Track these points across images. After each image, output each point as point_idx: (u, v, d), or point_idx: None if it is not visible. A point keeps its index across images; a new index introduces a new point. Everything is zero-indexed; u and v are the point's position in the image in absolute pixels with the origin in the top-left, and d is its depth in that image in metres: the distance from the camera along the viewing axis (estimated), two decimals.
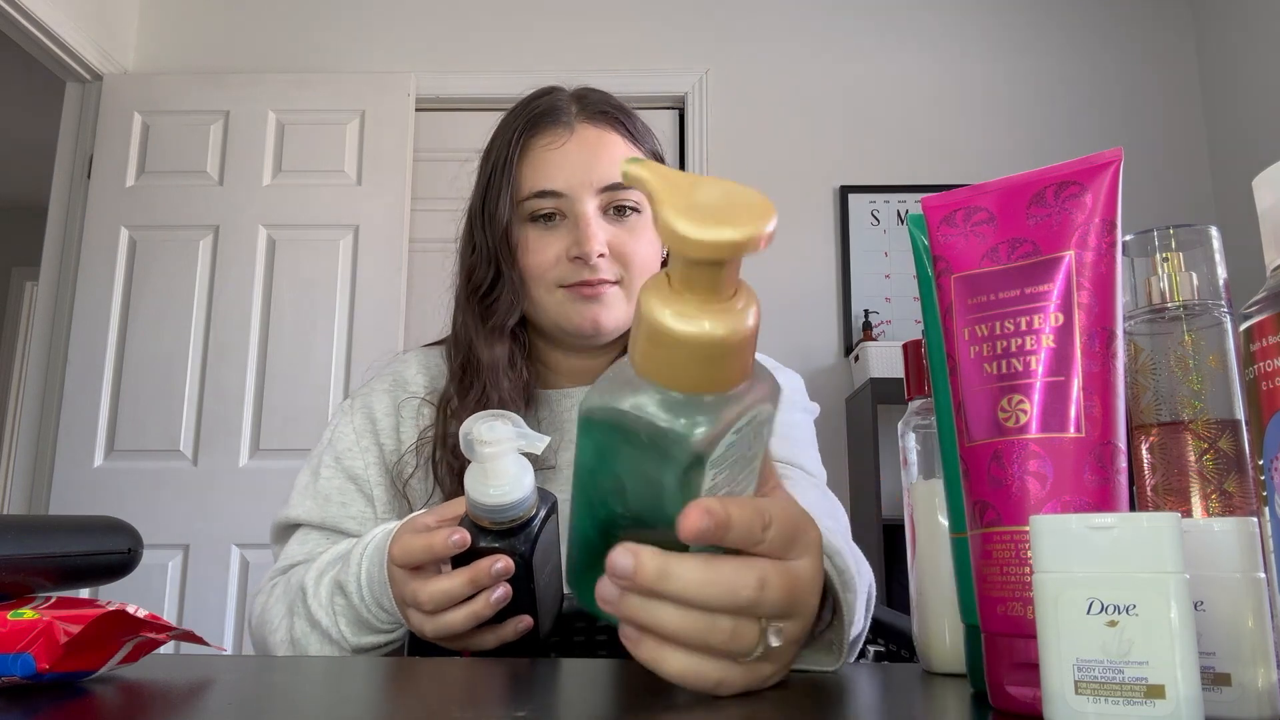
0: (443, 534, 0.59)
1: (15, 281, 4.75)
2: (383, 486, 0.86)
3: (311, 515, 0.84)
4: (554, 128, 0.85)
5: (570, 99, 0.89)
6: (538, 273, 0.84)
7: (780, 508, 0.40)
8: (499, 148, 0.87)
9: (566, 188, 0.83)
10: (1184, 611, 0.30)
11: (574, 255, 0.82)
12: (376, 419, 0.88)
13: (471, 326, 0.86)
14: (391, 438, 0.88)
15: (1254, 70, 2.56)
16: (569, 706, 0.38)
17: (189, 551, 2.40)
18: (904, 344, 0.58)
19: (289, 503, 0.86)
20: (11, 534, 0.44)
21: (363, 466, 0.86)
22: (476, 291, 0.87)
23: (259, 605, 0.80)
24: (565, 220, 0.84)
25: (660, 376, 0.36)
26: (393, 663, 0.56)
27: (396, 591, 0.64)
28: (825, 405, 2.55)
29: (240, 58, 2.81)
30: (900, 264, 2.69)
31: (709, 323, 0.35)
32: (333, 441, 0.89)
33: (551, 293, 0.84)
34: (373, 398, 0.90)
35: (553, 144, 0.85)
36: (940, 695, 0.44)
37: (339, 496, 0.85)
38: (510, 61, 2.80)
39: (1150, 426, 0.42)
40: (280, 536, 0.87)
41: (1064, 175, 0.40)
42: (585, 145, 0.85)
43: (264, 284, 2.57)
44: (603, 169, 0.84)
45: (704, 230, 0.33)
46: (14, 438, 3.49)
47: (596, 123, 0.86)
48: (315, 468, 0.88)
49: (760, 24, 2.84)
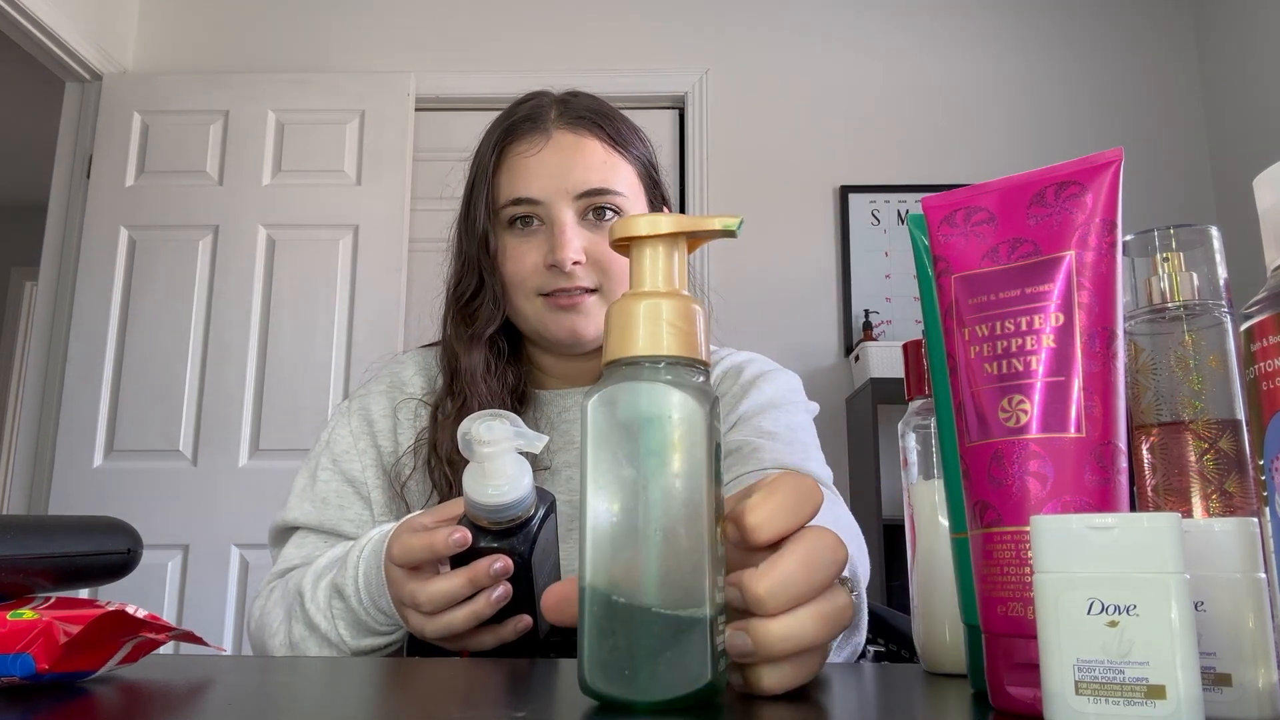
0: (443, 533, 0.59)
1: (15, 281, 4.75)
2: (380, 489, 0.85)
3: (309, 518, 0.84)
4: (531, 134, 0.85)
5: (552, 104, 0.88)
6: (516, 280, 0.84)
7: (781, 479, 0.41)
8: (480, 155, 0.88)
9: (542, 194, 0.83)
10: (1184, 612, 0.30)
11: (550, 263, 0.82)
12: (374, 420, 0.88)
13: (455, 333, 0.87)
14: (389, 439, 0.88)
15: (1254, 70, 2.56)
16: (569, 706, 0.38)
17: (189, 552, 2.40)
18: (904, 344, 0.58)
19: (287, 505, 0.86)
20: (11, 534, 0.44)
21: (360, 469, 0.86)
22: (461, 298, 0.87)
23: (257, 610, 0.80)
24: (543, 226, 0.84)
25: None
26: (392, 663, 0.56)
27: (395, 592, 0.63)
28: (825, 405, 2.55)
29: (240, 58, 2.81)
30: (900, 264, 2.69)
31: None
32: (330, 443, 0.88)
33: (531, 301, 0.84)
34: (370, 399, 0.90)
35: (529, 151, 0.84)
36: (940, 695, 0.44)
37: (336, 499, 0.85)
38: (510, 61, 2.80)
39: (1150, 426, 0.42)
40: (278, 539, 0.86)
41: (1064, 175, 0.40)
42: (561, 151, 0.84)
43: (264, 284, 2.57)
44: (578, 175, 0.83)
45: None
46: (14, 438, 3.49)
47: (574, 128, 0.85)
48: (313, 470, 0.87)
49: (760, 24, 2.84)
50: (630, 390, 0.37)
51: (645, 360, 0.37)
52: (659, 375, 0.37)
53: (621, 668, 0.35)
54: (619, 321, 0.38)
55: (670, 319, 0.37)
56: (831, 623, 0.38)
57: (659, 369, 0.37)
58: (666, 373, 0.37)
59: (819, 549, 0.38)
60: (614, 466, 0.36)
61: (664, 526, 0.35)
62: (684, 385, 0.37)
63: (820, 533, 0.39)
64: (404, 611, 0.63)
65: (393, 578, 0.63)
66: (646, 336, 0.37)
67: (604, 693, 0.35)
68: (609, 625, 0.35)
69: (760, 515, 0.38)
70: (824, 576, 0.38)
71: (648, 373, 0.37)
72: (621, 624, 0.35)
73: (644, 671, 0.35)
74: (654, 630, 0.35)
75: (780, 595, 0.37)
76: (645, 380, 0.37)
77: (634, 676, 0.35)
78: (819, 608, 0.38)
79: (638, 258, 0.39)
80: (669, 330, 0.37)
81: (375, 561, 0.66)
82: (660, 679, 0.34)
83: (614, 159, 0.85)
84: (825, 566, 0.38)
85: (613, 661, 0.35)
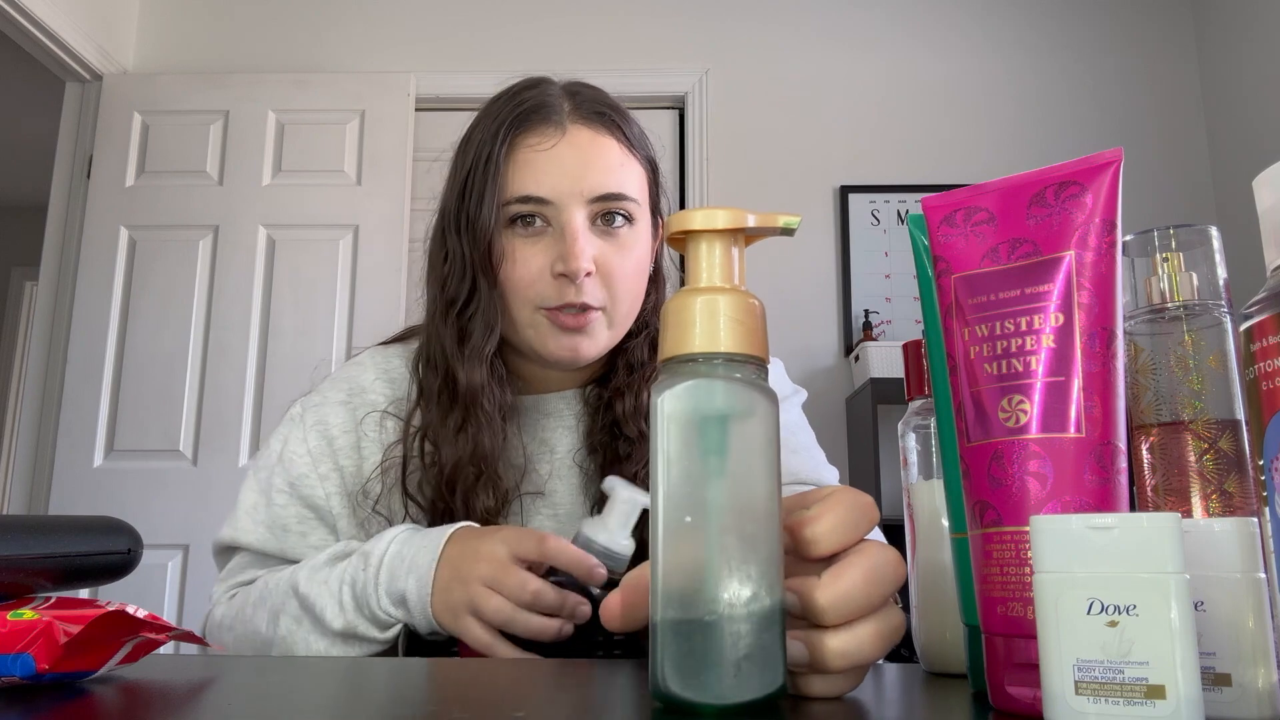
0: (580, 556, 0.64)
1: (15, 281, 4.75)
2: (346, 515, 0.79)
3: (266, 545, 0.79)
4: (544, 126, 0.76)
5: (562, 94, 0.80)
6: (518, 288, 0.76)
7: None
8: (480, 144, 0.77)
9: (554, 195, 0.74)
10: (1184, 612, 0.30)
11: (559, 271, 0.74)
12: (333, 438, 0.80)
13: (449, 346, 0.77)
14: (352, 456, 0.80)
15: (1254, 70, 2.56)
16: (569, 706, 0.38)
17: (189, 551, 2.40)
18: (904, 344, 0.58)
19: (236, 525, 0.80)
20: (11, 534, 0.44)
21: (323, 496, 0.79)
22: (452, 306, 0.77)
23: (218, 614, 0.78)
24: (548, 229, 0.76)
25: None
26: (393, 663, 0.56)
27: (486, 571, 0.64)
28: (825, 405, 2.55)
29: (240, 58, 2.81)
30: (900, 264, 2.69)
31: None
32: (284, 461, 0.80)
33: (532, 314, 0.76)
34: (327, 410, 0.81)
35: (542, 144, 0.76)
36: (940, 695, 0.44)
37: (298, 526, 0.79)
38: (510, 61, 2.79)
39: (1150, 426, 0.42)
40: (226, 554, 0.83)
41: (1064, 175, 0.40)
42: (578, 149, 0.76)
43: (264, 284, 2.57)
44: (595, 177, 0.75)
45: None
46: (14, 438, 3.49)
47: (591, 124, 0.78)
48: (265, 489, 0.80)
49: (760, 24, 2.84)
50: (706, 388, 0.36)
51: (714, 357, 0.37)
52: (731, 372, 0.37)
53: (698, 671, 0.34)
54: (678, 317, 0.37)
55: (734, 315, 0.37)
56: (887, 640, 0.39)
57: (729, 366, 0.37)
58: (735, 370, 0.37)
59: (882, 565, 0.38)
60: (686, 465, 0.36)
61: (739, 526, 0.35)
62: (753, 383, 0.37)
63: (883, 549, 0.39)
64: (472, 589, 0.63)
65: (496, 558, 0.64)
66: (711, 333, 0.37)
67: (679, 696, 0.34)
68: (685, 628, 0.35)
69: (821, 529, 0.38)
70: (884, 593, 0.38)
71: (722, 369, 0.37)
72: (698, 627, 0.34)
73: (723, 674, 0.34)
74: (731, 632, 0.34)
75: (841, 608, 0.37)
76: (721, 378, 0.36)
77: (711, 679, 0.34)
78: (876, 625, 0.38)
79: (694, 253, 0.39)
80: (733, 327, 0.37)
81: (413, 546, 0.67)
82: (737, 682, 0.34)
83: (629, 162, 0.79)
84: (886, 583, 0.38)
85: (688, 665, 0.34)
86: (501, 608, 0.63)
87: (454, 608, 0.64)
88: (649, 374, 0.81)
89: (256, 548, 0.79)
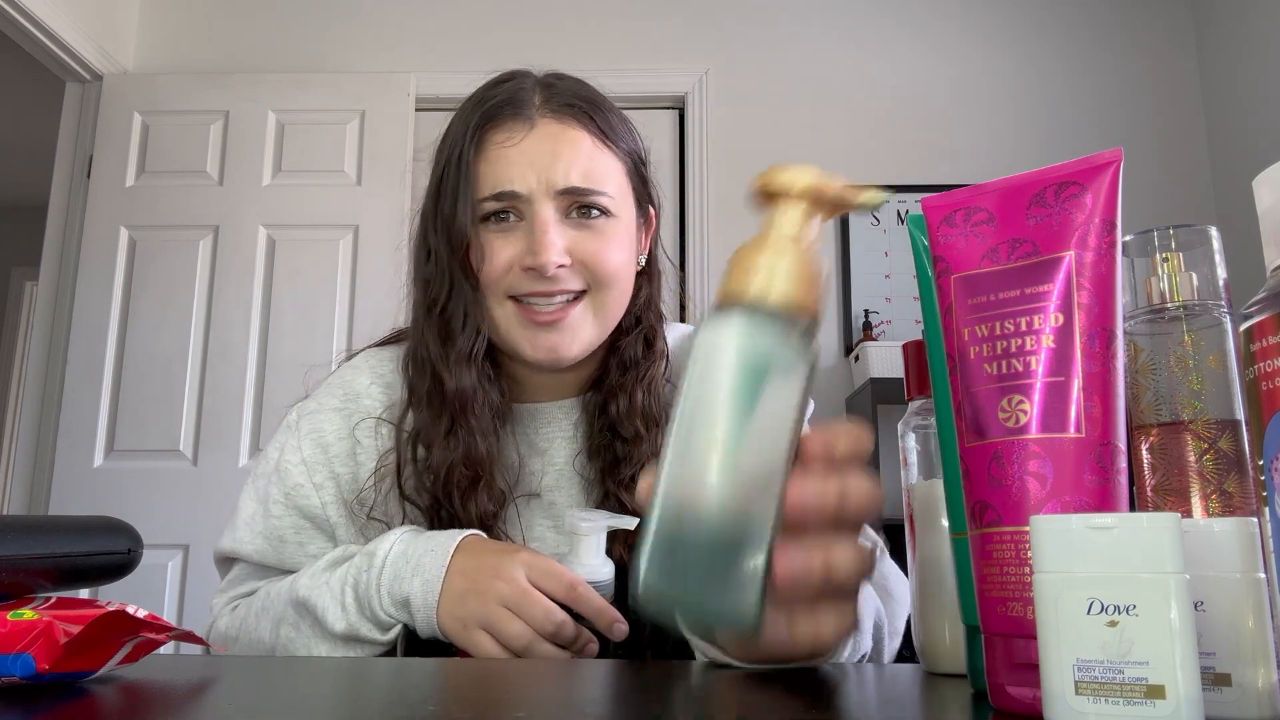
0: (612, 614, 0.65)
1: (15, 281, 4.75)
2: (344, 522, 0.78)
3: (265, 556, 0.79)
4: (512, 121, 0.76)
5: (534, 87, 0.78)
6: (489, 281, 0.75)
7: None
8: (452, 143, 0.77)
9: (523, 188, 0.74)
10: (1184, 612, 0.30)
11: (527, 265, 0.73)
12: (328, 445, 0.79)
13: (433, 348, 0.76)
14: (348, 464, 0.79)
15: (1254, 70, 2.56)
16: (569, 706, 0.38)
17: (189, 551, 2.40)
18: (904, 344, 0.58)
19: (236, 535, 0.80)
20: (11, 534, 0.44)
21: (319, 505, 0.78)
22: (435, 306, 0.77)
23: (222, 625, 0.78)
24: (521, 223, 0.75)
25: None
26: (393, 663, 0.56)
27: (507, 592, 0.64)
28: (825, 405, 2.55)
29: (240, 58, 2.81)
30: (900, 264, 2.69)
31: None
32: (280, 471, 0.79)
33: (502, 305, 0.75)
34: (322, 417, 0.80)
35: (510, 139, 0.75)
36: (940, 695, 0.44)
37: (295, 536, 0.79)
38: (510, 62, 2.76)
39: (1150, 426, 0.42)
40: (226, 563, 0.83)
41: (1064, 175, 0.40)
42: (546, 141, 0.75)
43: (264, 284, 2.57)
44: (562, 169, 0.74)
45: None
46: (14, 438, 3.49)
47: (561, 117, 0.76)
48: (263, 499, 0.80)
49: (760, 24, 2.84)
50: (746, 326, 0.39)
51: (764, 303, 0.39)
52: (782, 322, 0.39)
53: (681, 571, 0.36)
54: (743, 262, 0.40)
55: (793, 270, 0.40)
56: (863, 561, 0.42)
57: (778, 314, 0.39)
58: (789, 321, 0.39)
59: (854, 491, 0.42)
60: (713, 393, 0.38)
61: (752, 459, 0.37)
62: (801, 339, 0.39)
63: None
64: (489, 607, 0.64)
65: (516, 581, 0.64)
66: (766, 281, 0.39)
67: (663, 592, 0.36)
68: (675, 529, 0.37)
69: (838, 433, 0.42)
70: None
71: (777, 319, 0.39)
72: (690, 526, 0.36)
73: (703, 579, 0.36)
74: (717, 544, 0.36)
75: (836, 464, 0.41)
76: (769, 324, 0.39)
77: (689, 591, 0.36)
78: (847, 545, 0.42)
79: (771, 210, 0.42)
80: (791, 279, 0.39)
81: (418, 547, 0.67)
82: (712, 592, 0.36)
83: (602, 155, 0.77)
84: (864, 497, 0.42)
85: (669, 563, 0.36)
86: (522, 634, 0.63)
87: (465, 620, 0.64)
88: (644, 373, 0.80)
89: (255, 559, 0.79)
